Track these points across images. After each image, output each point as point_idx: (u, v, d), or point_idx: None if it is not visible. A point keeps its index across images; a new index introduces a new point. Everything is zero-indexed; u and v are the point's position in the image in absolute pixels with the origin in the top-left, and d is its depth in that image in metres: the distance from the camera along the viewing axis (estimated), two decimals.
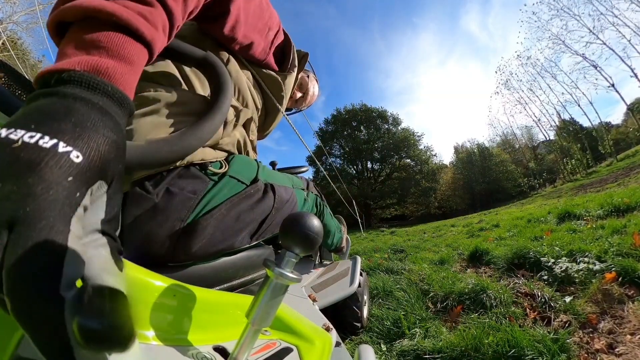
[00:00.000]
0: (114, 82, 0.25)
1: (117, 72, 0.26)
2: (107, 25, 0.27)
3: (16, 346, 0.20)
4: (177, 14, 0.35)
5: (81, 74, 0.23)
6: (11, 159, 0.17)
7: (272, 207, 0.60)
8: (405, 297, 1.61)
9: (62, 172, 0.18)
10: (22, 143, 0.17)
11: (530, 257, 1.78)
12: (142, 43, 0.29)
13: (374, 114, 27.52)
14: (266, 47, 0.64)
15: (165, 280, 0.33)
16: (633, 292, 1.16)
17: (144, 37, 0.29)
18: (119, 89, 0.25)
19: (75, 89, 0.22)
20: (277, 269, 0.30)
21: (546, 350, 0.91)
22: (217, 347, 0.37)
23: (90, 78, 0.23)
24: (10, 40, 15.25)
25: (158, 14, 0.31)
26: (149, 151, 0.38)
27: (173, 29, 0.35)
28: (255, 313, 0.30)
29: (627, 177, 7.33)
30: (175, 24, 0.35)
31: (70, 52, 0.25)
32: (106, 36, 0.26)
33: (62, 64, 0.23)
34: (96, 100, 0.23)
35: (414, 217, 25.35)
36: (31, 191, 0.16)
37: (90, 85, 0.23)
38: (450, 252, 2.79)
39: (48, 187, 0.17)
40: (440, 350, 1.05)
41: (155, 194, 0.45)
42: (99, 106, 0.22)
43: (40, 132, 0.18)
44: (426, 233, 6.15)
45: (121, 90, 0.25)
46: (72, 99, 0.21)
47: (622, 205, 2.56)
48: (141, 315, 0.30)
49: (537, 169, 24.34)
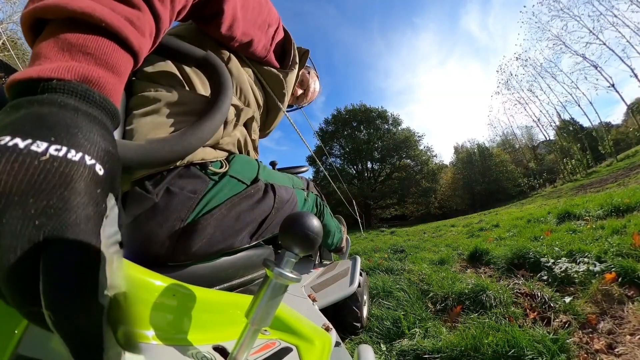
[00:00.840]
0: (104, 94, 0.24)
1: (108, 83, 0.24)
2: (93, 29, 0.25)
3: (17, 345, 0.20)
4: (165, 18, 0.33)
5: (75, 85, 0.22)
6: (41, 173, 0.16)
7: (272, 207, 0.60)
8: (405, 297, 1.61)
9: (93, 184, 0.18)
10: (50, 156, 0.17)
11: (530, 258, 1.78)
12: (129, 52, 0.28)
13: (373, 114, 27.51)
14: (267, 43, 0.64)
15: (165, 280, 0.33)
16: (633, 293, 1.16)
17: (132, 46, 0.28)
18: (112, 103, 0.24)
19: (70, 99, 0.21)
20: (276, 269, 0.30)
21: (546, 351, 0.91)
22: (217, 347, 0.37)
23: (86, 90, 0.22)
24: (11, 40, 15.24)
25: (146, 20, 0.30)
26: (150, 151, 0.38)
27: (160, 33, 0.34)
28: (255, 313, 0.30)
29: (627, 177, 7.33)
30: (162, 29, 0.34)
31: (52, 54, 0.23)
32: (94, 42, 0.25)
33: (48, 70, 0.21)
34: (95, 114, 0.22)
35: (414, 217, 25.36)
36: (68, 205, 0.16)
37: (86, 97, 0.22)
38: (450, 252, 2.79)
39: (83, 200, 0.17)
40: (439, 350, 1.05)
41: (155, 193, 0.45)
42: (98, 120, 0.22)
43: (64, 145, 0.18)
44: (426, 233, 6.15)
45: (113, 104, 0.24)
46: (73, 110, 0.21)
47: (622, 206, 2.56)
48: (141, 315, 0.30)
49: (537, 169, 24.34)
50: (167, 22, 0.35)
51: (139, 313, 0.30)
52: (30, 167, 0.16)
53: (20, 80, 0.21)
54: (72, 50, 0.24)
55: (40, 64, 0.22)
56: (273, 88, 0.71)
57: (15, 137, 0.17)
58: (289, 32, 0.72)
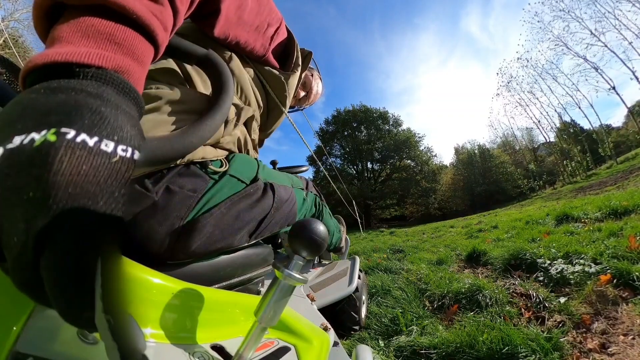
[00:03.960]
0: (135, 85, 0.24)
1: (136, 73, 0.24)
2: (121, 19, 0.25)
3: (14, 342, 0.20)
4: (181, 13, 0.34)
5: (113, 75, 0.22)
6: (112, 174, 0.17)
7: (271, 206, 0.60)
8: (403, 295, 1.63)
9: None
10: (120, 158, 0.18)
11: (527, 259, 1.80)
12: (153, 44, 0.28)
13: (374, 114, 27.47)
14: (265, 43, 0.63)
15: (164, 278, 0.33)
16: (627, 294, 1.17)
17: (157, 39, 0.28)
18: (141, 97, 0.24)
19: (111, 91, 0.21)
20: (286, 271, 0.32)
21: (539, 349, 0.92)
22: (215, 346, 0.37)
23: (124, 83, 0.22)
24: (12, 38, 15.22)
25: (167, 14, 0.30)
26: (150, 149, 0.38)
27: (175, 28, 0.35)
28: (264, 312, 0.32)
29: (627, 180, 7.33)
30: (177, 24, 0.34)
31: (75, 39, 0.22)
32: (122, 31, 0.24)
33: (84, 55, 0.21)
34: (128, 109, 0.22)
35: (413, 218, 25.31)
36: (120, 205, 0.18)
37: (123, 90, 0.22)
38: (449, 253, 2.80)
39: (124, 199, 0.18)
40: (436, 346, 1.07)
41: (155, 192, 0.45)
42: (133, 118, 0.22)
43: (128, 145, 0.19)
44: (425, 234, 6.16)
45: (142, 99, 0.24)
46: (115, 106, 0.20)
47: (620, 208, 2.57)
48: (140, 313, 0.30)
49: (537, 170, 24.28)
50: (182, 18, 0.35)
51: (138, 311, 0.30)
52: (102, 169, 0.16)
53: (57, 62, 0.20)
54: (98, 38, 0.23)
55: (66, 47, 0.21)
56: (274, 89, 0.70)
57: (81, 133, 0.16)
58: (292, 34, 0.71)
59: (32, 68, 0.20)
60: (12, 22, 15.73)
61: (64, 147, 0.15)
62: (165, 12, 0.30)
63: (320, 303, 1.06)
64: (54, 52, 0.20)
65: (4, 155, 0.15)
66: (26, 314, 0.21)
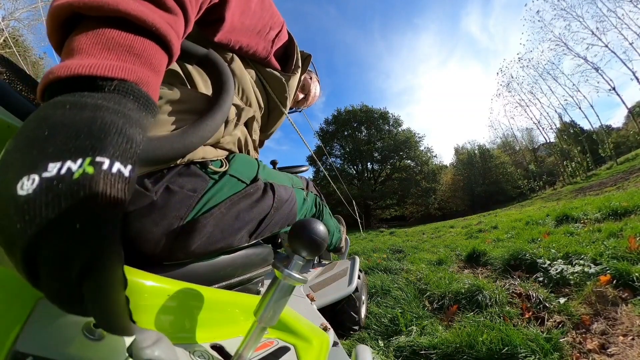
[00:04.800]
0: (152, 97, 0.24)
1: (154, 84, 0.25)
2: (139, 31, 0.25)
3: (14, 341, 0.20)
4: (192, 22, 0.34)
5: (135, 88, 0.22)
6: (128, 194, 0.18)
7: (271, 206, 0.60)
8: (403, 295, 1.63)
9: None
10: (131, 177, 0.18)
11: (527, 259, 1.80)
12: (168, 53, 0.28)
13: (375, 114, 27.47)
14: (267, 46, 0.64)
15: (161, 279, 0.33)
16: (627, 295, 1.17)
17: (172, 49, 0.28)
18: (157, 107, 0.24)
19: (129, 103, 0.21)
20: (286, 271, 0.32)
21: (539, 349, 0.92)
22: (215, 345, 0.38)
23: (144, 95, 0.22)
24: (12, 38, 15.23)
25: (180, 23, 0.31)
26: (150, 148, 0.38)
27: (184, 36, 0.35)
28: (264, 311, 0.32)
29: (627, 181, 7.33)
30: (187, 32, 0.35)
31: (97, 51, 0.22)
32: (141, 43, 0.25)
33: (107, 68, 0.21)
34: (145, 122, 0.22)
35: (413, 218, 25.32)
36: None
37: (142, 102, 0.22)
38: (448, 253, 2.80)
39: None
40: (435, 346, 1.07)
41: (155, 191, 0.45)
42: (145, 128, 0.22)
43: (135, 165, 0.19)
44: (425, 234, 6.16)
45: (157, 108, 0.24)
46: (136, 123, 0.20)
47: (620, 209, 2.57)
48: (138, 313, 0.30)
49: (537, 171, 24.29)
50: (192, 25, 0.36)
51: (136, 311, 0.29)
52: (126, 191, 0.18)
53: (80, 75, 0.20)
54: (118, 50, 0.23)
55: (87, 59, 0.21)
56: (275, 90, 0.71)
57: (115, 162, 0.17)
58: (293, 37, 0.72)
59: (53, 80, 0.20)
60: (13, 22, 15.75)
61: (102, 180, 0.16)
62: (178, 22, 0.30)
63: (320, 303, 1.06)
64: (77, 65, 0.20)
65: (43, 185, 0.15)
66: (26, 313, 0.21)
